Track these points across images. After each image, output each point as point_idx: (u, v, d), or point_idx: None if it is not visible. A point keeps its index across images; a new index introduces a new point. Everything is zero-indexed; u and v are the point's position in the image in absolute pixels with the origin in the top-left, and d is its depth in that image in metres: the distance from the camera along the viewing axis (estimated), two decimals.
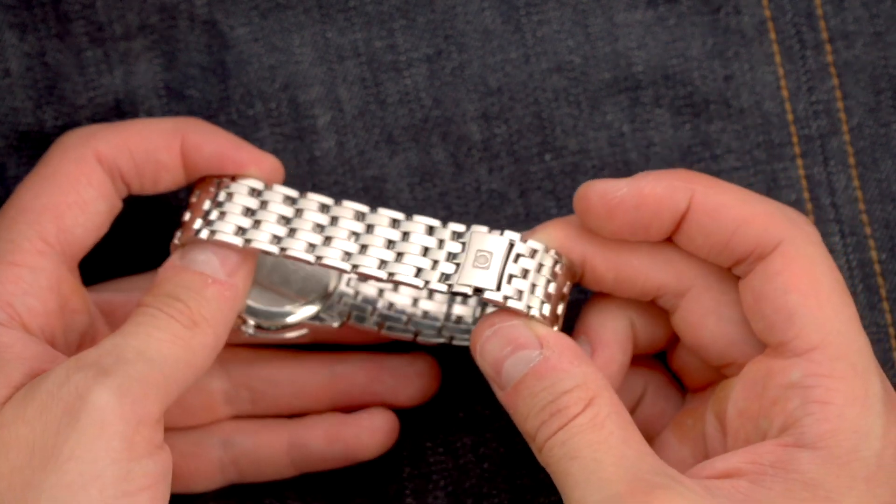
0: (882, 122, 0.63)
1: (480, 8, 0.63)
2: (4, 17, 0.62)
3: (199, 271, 0.53)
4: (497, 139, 0.63)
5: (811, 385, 0.50)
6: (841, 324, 0.50)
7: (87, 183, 0.54)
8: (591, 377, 0.51)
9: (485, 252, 0.53)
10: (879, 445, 0.49)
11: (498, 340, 0.52)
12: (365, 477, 0.61)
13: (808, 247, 0.52)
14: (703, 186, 0.52)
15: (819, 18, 0.63)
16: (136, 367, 0.49)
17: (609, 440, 0.50)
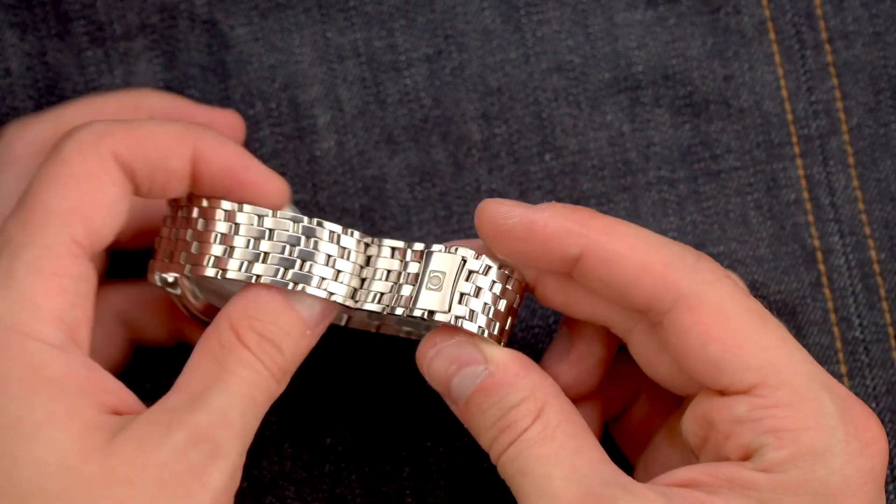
0: (882, 121, 0.63)
1: (480, 8, 0.63)
2: (5, 16, 0.62)
3: (303, 316, 0.52)
4: (497, 139, 0.63)
5: (759, 418, 0.49)
6: (771, 354, 0.50)
7: (111, 182, 0.52)
8: (539, 386, 0.51)
9: (438, 273, 0.53)
10: (839, 462, 0.49)
11: (442, 360, 0.52)
12: (365, 477, 0.61)
13: (710, 291, 0.50)
14: (598, 233, 0.50)
15: (819, 18, 0.63)
16: (242, 442, 0.50)
17: (559, 452, 0.50)
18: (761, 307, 0.51)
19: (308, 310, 0.52)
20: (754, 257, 0.62)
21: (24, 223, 0.51)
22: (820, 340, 0.62)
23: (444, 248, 0.52)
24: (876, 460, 0.49)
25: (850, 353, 0.62)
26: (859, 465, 0.49)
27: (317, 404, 0.62)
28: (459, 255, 0.52)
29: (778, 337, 0.50)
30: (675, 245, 0.51)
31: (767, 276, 0.62)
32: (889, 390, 0.62)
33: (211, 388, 0.50)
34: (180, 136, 0.53)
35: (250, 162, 0.54)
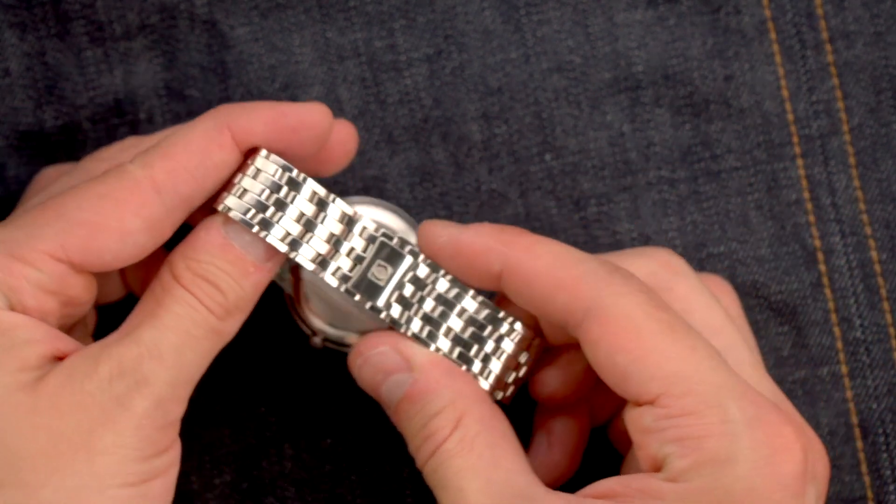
0: (882, 121, 0.63)
1: (480, 8, 0.63)
2: (4, 16, 0.62)
3: (242, 254, 0.52)
4: (497, 139, 0.63)
5: (663, 427, 0.49)
6: (677, 364, 0.50)
7: (135, 213, 0.52)
8: (460, 394, 0.52)
9: (384, 265, 0.53)
10: (744, 470, 0.49)
11: (369, 369, 0.53)
12: (365, 477, 0.61)
13: (620, 303, 0.51)
14: (518, 251, 0.52)
15: (819, 18, 0.63)
16: (173, 373, 0.51)
17: (476, 465, 0.50)
18: (675, 318, 0.51)
19: (249, 247, 0.52)
20: (755, 257, 0.62)
21: (33, 214, 0.52)
22: (821, 341, 0.62)
23: (396, 241, 0.53)
24: (786, 468, 0.49)
25: (850, 353, 0.62)
26: (766, 473, 0.49)
27: (317, 404, 0.62)
28: (408, 258, 0.53)
29: (686, 346, 0.50)
30: (593, 262, 0.52)
31: (768, 277, 0.62)
32: (890, 390, 0.62)
33: (143, 323, 0.51)
34: (211, 131, 0.53)
35: (283, 109, 0.54)
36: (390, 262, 0.53)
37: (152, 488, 0.50)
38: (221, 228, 0.52)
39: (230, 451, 0.61)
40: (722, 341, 0.54)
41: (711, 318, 0.54)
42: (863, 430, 0.62)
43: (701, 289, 0.55)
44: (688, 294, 0.54)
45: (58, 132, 0.62)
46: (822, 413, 0.62)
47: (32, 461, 0.49)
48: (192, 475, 0.61)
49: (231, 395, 0.62)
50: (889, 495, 0.61)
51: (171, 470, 0.51)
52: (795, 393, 0.62)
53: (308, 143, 0.54)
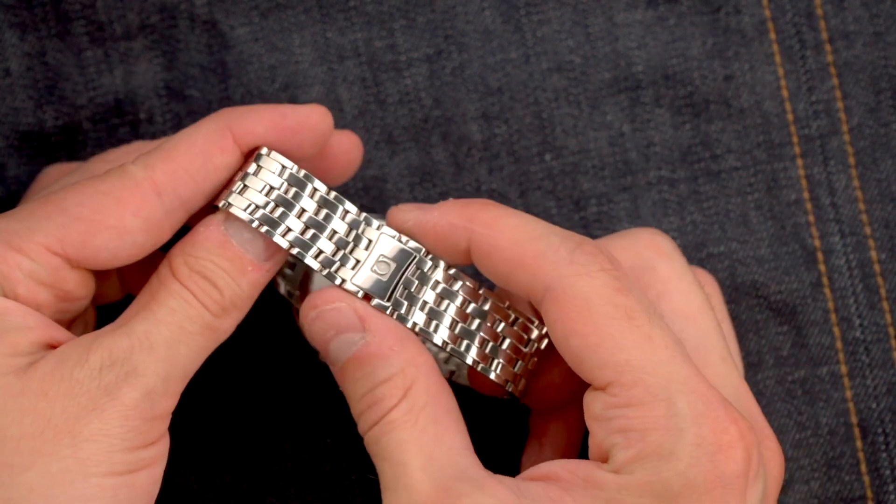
0: (882, 121, 0.63)
1: (480, 8, 0.63)
2: (4, 16, 0.62)
3: (241, 252, 0.52)
4: (497, 139, 0.63)
5: (610, 417, 0.49)
6: (630, 353, 0.49)
7: (134, 213, 0.52)
8: (411, 362, 0.51)
9: (386, 260, 0.53)
10: (683, 465, 0.48)
11: (321, 324, 0.52)
12: (365, 477, 0.61)
13: (578, 284, 0.50)
14: (481, 227, 0.52)
15: (819, 18, 0.63)
16: (165, 366, 0.51)
17: (420, 438, 0.50)
18: (636, 303, 0.50)
19: (248, 246, 0.52)
20: (755, 257, 0.62)
21: (32, 207, 0.53)
22: (820, 340, 0.62)
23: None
24: (728, 466, 0.49)
25: (850, 353, 0.62)
26: (706, 469, 0.48)
27: (317, 404, 0.62)
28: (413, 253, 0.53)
29: (643, 335, 0.49)
30: (555, 236, 0.51)
31: (768, 277, 0.62)
32: (889, 390, 0.62)
33: (137, 315, 0.51)
34: (214, 133, 0.53)
35: (284, 111, 0.54)
36: (396, 260, 0.53)
37: (137, 479, 0.50)
38: (221, 226, 0.52)
39: (230, 451, 0.61)
40: (695, 329, 0.53)
41: (688, 304, 0.54)
42: (862, 429, 0.62)
43: (683, 273, 0.54)
44: (669, 277, 0.54)
45: (58, 132, 0.62)
46: (821, 413, 0.62)
47: (17, 443, 0.49)
48: (192, 475, 0.61)
49: (231, 395, 0.62)
50: (889, 495, 0.61)
51: (158, 464, 0.51)
52: (795, 393, 0.62)
53: (309, 144, 0.54)
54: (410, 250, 0.53)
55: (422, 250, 0.53)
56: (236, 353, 0.62)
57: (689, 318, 0.53)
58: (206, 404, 0.62)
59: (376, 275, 0.53)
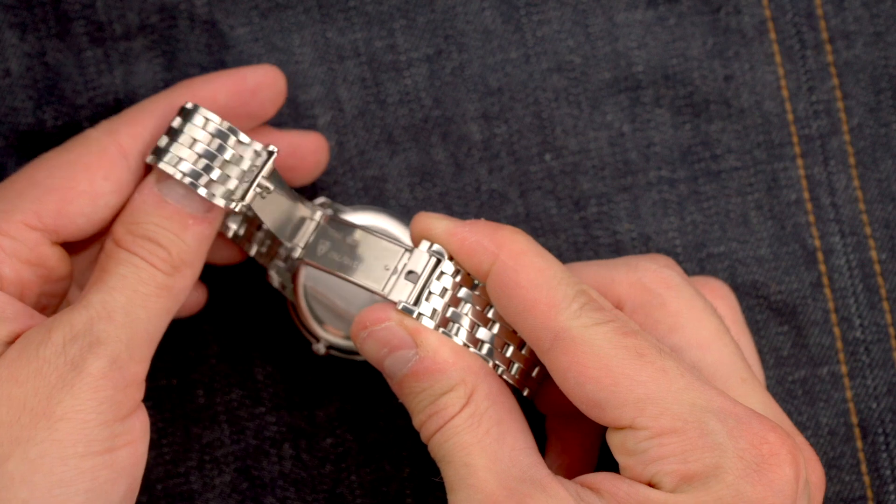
0: (882, 121, 0.63)
1: (480, 8, 0.63)
2: (4, 16, 0.62)
3: (178, 208, 0.53)
4: (497, 139, 0.63)
5: (645, 449, 0.50)
6: (648, 387, 0.50)
7: (104, 177, 0.54)
8: (469, 371, 0.52)
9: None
10: (731, 478, 0.49)
11: (373, 343, 0.53)
12: (365, 477, 0.61)
13: (587, 334, 0.51)
14: (506, 257, 0.52)
15: (819, 18, 0.63)
16: (126, 332, 0.51)
17: (484, 440, 0.51)
18: (644, 342, 0.50)
19: (184, 201, 0.53)
20: (755, 257, 0.62)
21: (3, 187, 0.54)
22: (820, 340, 0.62)
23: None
24: (777, 473, 0.49)
25: (850, 353, 0.62)
26: (755, 480, 0.49)
27: (317, 405, 0.62)
28: (434, 256, 0.53)
29: (657, 369, 0.50)
30: (570, 288, 0.51)
31: (768, 277, 0.62)
32: (890, 390, 0.62)
33: (91, 289, 0.52)
34: (177, 104, 0.55)
35: (242, 74, 0.56)
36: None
37: (117, 459, 0.50)
38: (154, 187, 0.53)
39: (230, 451, 0.61)
40: (711, 357, 0.54)
41: (701, 332, 0.54)
42: (863, 429, 0.62)
43: (693, 301, 0.55)
44: (679, 309, 0.54)
45: (58, 132, 0.62)
46: (821, 413, 0.62)
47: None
48: (192, 475, 0.61)
49: (231, 394, 0.62)
50: (889, 495, 0.61)
51: (138, 442, 0.51)
52: (795, 393, 0.62)
53: (268, 104, 0.57)
54: (435, 254, 0.53)
55: (445, 254, 0.53)
56: (236, 353, 0.62)
57: (703, 346, 0.54)
58: (207, 403, 0.62)
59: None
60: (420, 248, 0.53)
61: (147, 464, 0.61)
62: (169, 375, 0.62)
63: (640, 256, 0.57)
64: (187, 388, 0.62)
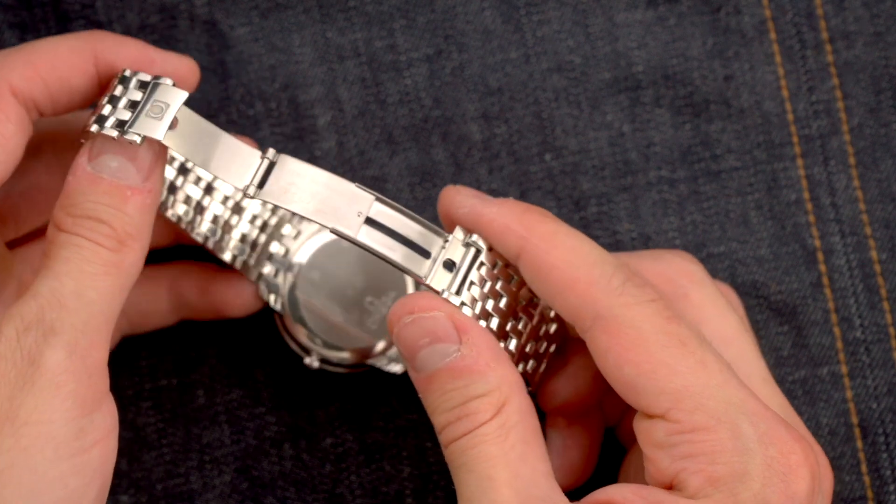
0: (882, 121, 0.63)
1: (480, 8, 0.63)
2: (4, 16, 0.62)
3: (114, 181, 0.51)
4: (497, 139, 0.63)
5: (675, 443, 0.49)
6: (686, 379, 0.49)
7: (6, 119, 0.52)
8: (506, 380, 0.50)
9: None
10: (758, 486, 0.48)
11: (416, 329, 0.51)
12: (365, 477, 0.61)
13: (629, 314, 0.50)
14: (538, 239, 0.51)
15: (819, 18, 0.63)
16: (80, 316, 0.49)
17: (509, 455, 0.49)
18: (686, 331, 0.50)
19: (119, 174, 0.51)
20: (755, 257, 0.62)
21: None
22: (821, 340, 0.62)
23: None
24: (799, 485, 0.49)
25: (850, 353, 0.62)
26: (780, 490, 0.49)
27: (316, 405, 0.62)
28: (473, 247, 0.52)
29: (697, 361, 0.49)
30: (609, 265, 0.51)
31: (768, 277, 0.62)
32: (890, 390, 0.62)
33: (37, 279, 0.50)
34: (77, 51, 0.54)
35: (155, 53, 0.55)
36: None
37: (89, 461, 0.48)
38: (87, 166, 0.52)
39: (230, 451, 0.61)
40: (733, 352, 0.53)
41: (724, 328, 0.54)
42: (863, 430, 0.62)
43: (716, 297, 0.54)
44: (702, 302, 0.54)
45: None
46: (822, 413, 0.62)
47: None
48: (191, 475, 0.61)
49: (230, 395, 0.62)
50: (889, 495, 0.61)
51: (109, 437, 0.49)
52: (795, 393, 0.62)
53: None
54: (474, 244, 0.52)
55: (484, 246, 0.52)
56: (236, 353, 0.62)
57: (726, 341, 0.53)
58: (206, 404, 0.62)
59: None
60: (457, 235, 0.52)
61: (147, 464, 0.61)
62: (169, 375, 0.62)
63: (665, 250, 0.57)
64: (187, 388, 0.62)
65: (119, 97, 0.52)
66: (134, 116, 0.51)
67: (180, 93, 0.52)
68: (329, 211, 0.51)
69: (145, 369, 0.62)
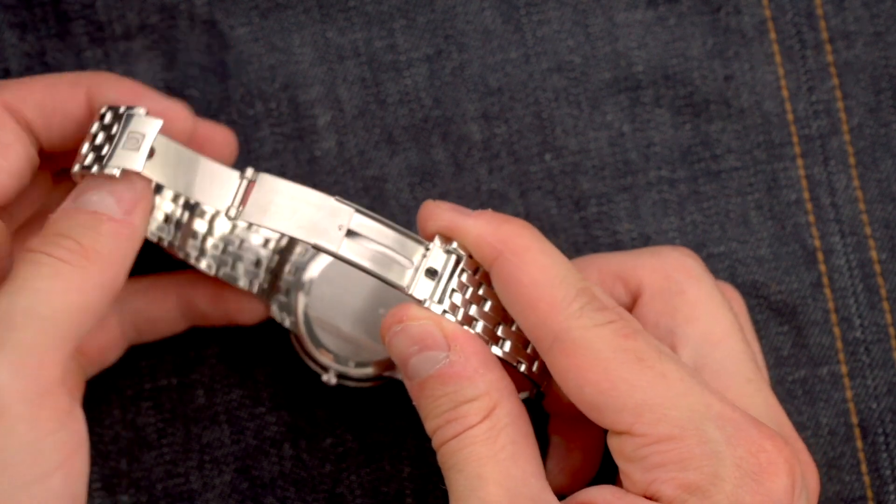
0: (882, 121, 0.63)
1: (480, 8, 0.63)
2: (4, 16, 0.62)
3: (93, 210, 0.51)
4: (497, 139, 0.63)
5: (643, 455, 0.49)
6: (646, 393, 0.49)
7: (2, 126, 0.53)
8: (495, 385, 0.51)
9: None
10: (730, 487, 0.49)
11: (405, 337, 0.52)
12: (365, 477, 0.61)
13: (586, 336, 0.50)
14: (509, 253, 0.51)
15: (819, 18, 0.63)
16: (28, 334, 0.47)
17: (498, 455, 0.50)
18: (645, 345, 0.50)
19: (98, 205, 0.51)
20: (755, 257, 0.62)
21: None
22: (820, 340, 0.62)
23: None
24: (774, 483, 0.49)
25: (850, 353, 0.62)
26: (752, 490, 0.49)
27: (317, 404, 0.62)
28: (454, 255, 0.52)
29: (656, 374, 0.49)
30: (572, 287, 0.51)
31: (768, 277, 0.62)
32: (890, 390, 0.62)
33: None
34: (72, 83, 0.54)
35: (146, 92, 0.55)
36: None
37: (51, 488, 0.45)
38: (72, 203, 0.51)
39: (230, 451, 0.61)
40: (721, 353, 0.53)
41: (715, 327, 0.54)
42: (863, 429, 0.62)
43: (711, 294, 0.54)
44: (697, 300, 0.54)
45: None
46: (822, 413, 0.62)
47: None
48: (191, 475, 0.61)
49: (231, 394, 0.62)
50: (889, 495, 0.61)
51: (72, 460, 0.46)
52: (795, 393, 0.62)
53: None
54: (454, 252, 0.52)
55: (463, 253, 0.52)
56: (235, 353, 0.62)
57: (714, 342, 0.53)
58: (205, 404, 0.62)
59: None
60: (436, 243, 0.52)
61: (147, 464, 0.61)
62: (169, 375, 0.62)
63: (665, 246, 0.57)
64: (187, 388, 0.62)
65: (95, 133, 0.52)
66: (111, 150, 0.51)
67: (154, 121, 0.52)
68: (310, 227, 0.52)
69: (145, 369, 0.62)
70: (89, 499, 0.61)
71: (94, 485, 0.61)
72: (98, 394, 0.61)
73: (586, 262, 0.56)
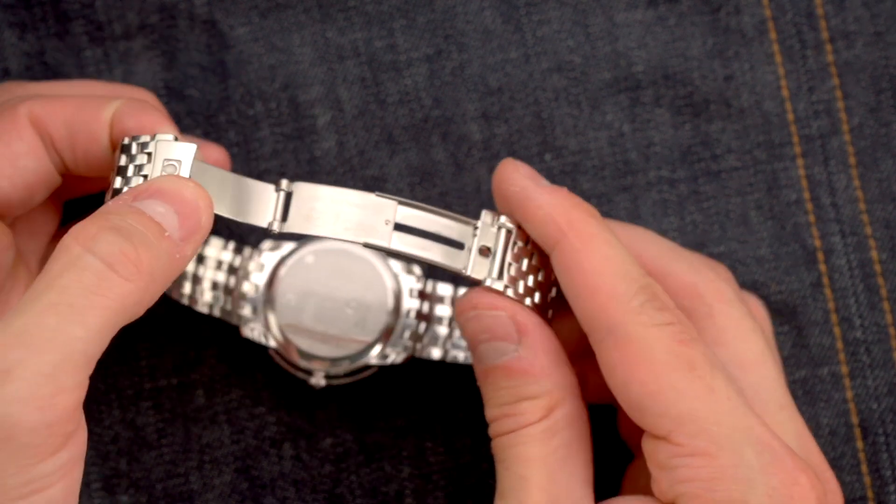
0: (882, 121, 0.63)
1: (480, 8, 0.63)
2: (4, 16, 0.62)
3: (156, 220, 0.47)
4: (497, 139, 0.63)
5: (675, 466, 0.49)
6: (692, 403, 0.49)
7: (18, 137, 0.52)
8: (559, 385, 0.51)
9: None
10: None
11: (477, 324, 0.52)
12: (365, 477, 0.61)
13: (642, 333, 0.49)
14: (574, 239, 0.51)
15: (819, 18, 0.63)
16: (50, 358, 0.43)
17: (548, 458, 0.50)
18: (699, 354, 0.49)
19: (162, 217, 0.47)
20: (755, 257, 0.62)
21: None
22: (821, 341, 0.62)
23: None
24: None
25: (851, 353, 0.62)
26: None
27: (316, 405, 0.62)
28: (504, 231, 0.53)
29: (705, 386, 0.49)
30: (634, 282, 0.50)
31: (768, 277, 0.62)
32: (890, 391, 0.62)
33: (21, 301, 0.44)
34: (97, 102, 0.53)
35: (163, 120, 0.54)
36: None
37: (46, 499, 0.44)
38: (134, 202, 0.48)
39: (230, 451, 0.61)
40: (752, 378, 0.53)
41: (746, 352, 0.53)
42: (863, 430, 0.62)
43: (742, 319, 0.54)
44: (727, 324, 0.53)
45: None
46: (822, 413, 0.62)
47: None
48: (191, 475, 0.61)
49: (231, 394, 0.62)
50: (889, 495, 0.61)
51: (72, 473, 0.45)
52: (795, 393, 0.62)
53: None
54: (504, 227, 0.52)
55: (514, 228, 0.52)
56: (236, 353, 0.62)
57: (746, 366, 0.53)
58: (205, 404, 0.62)
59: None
60: (485, 220, 0.52)
61: (147, 464, 0.61)
62: (169, 375, 0.62)
63: (703, 260, 0.56)
64: (187, 388, 0.62)
65: (126, 166, 0.51)
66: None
67: (189, 146, 0.51)
68: (357, 227, 0.52)
69: (145, 369, 0.62)
70: (89, 499, 0.61)
71: (94, 485, 0.61)
72: (98, 394, 0.61)
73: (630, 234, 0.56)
